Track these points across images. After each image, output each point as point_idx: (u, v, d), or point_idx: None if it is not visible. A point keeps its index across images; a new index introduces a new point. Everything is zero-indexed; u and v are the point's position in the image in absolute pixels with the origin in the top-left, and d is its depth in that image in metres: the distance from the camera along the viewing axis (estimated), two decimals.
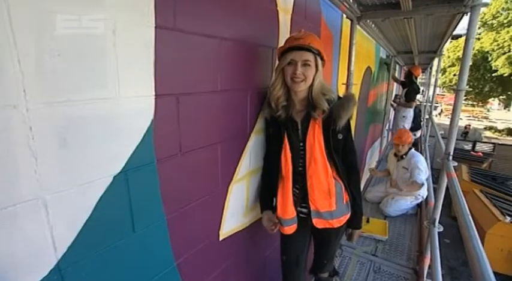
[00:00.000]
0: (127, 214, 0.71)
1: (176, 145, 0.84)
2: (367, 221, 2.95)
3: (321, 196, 1.17)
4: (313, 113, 1.11)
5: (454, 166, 1.60)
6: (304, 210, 1.24)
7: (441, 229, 1.74)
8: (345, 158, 1.18)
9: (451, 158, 1.62)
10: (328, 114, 1.10)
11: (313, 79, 1.10)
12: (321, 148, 1.13)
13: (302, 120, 1.16)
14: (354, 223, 1.27)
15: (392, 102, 5.50)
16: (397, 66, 6.53)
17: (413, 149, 3.26)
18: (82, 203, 0.60)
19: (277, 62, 1.17)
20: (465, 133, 13.37)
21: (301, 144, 1.16)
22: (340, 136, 1.13)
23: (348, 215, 1.24)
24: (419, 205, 3.35)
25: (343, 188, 1.20)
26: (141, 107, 0.71)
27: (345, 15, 2.14)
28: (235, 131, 1.12)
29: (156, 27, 0.70)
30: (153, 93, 0.73)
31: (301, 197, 1.22)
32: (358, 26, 2.18)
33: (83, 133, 0.59)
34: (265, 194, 1.31)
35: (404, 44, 3.88)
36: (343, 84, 2.18)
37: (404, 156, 3.22)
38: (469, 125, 14.75)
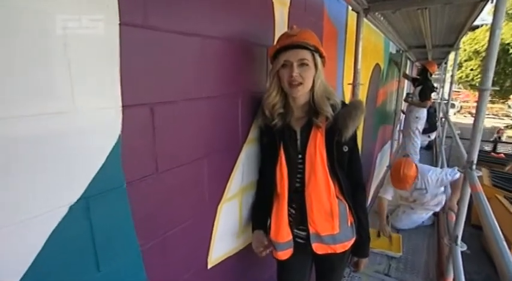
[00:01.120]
0: (89, 250, 0.64)
1: (151, 164, 0.78)
2: (378, 235, 2.87)
3: (322, 218, 1.12)
4: (316, 120, 1.06)
5: None
6: (303, 233, 1.18)
7: (465, 248, 1.67)
8: (349, 174, 1.14)
9: (474, 167, 1.54)
10: (332, 122, 1.05)
11: (314, 81, 1.05)
12: (322, 161, 1.07)
13: (302, 129, 1.11)
14: (359, 250, 1.21)
15: (404, 102, 5.44)
16: (408, 62, 6.49)
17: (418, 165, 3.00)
18: (25, 242, 0.53)
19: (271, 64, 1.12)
20: (496, 139, 10.49)
21: (300, 156, 1.10)
22: (345, 148, 1.08)
23: (353, 240, 1.18)
24: (435, 214, 3.28)
25: (348, 208, 1.14)
26: (105, 121, 0.64)
27: (350, 7, 2.11)
28: (225, 142, 1.07)
29: (121, 25, 0.64)
30: (120, 104, 0.67)
31: (299, 218, 1.16)
32: (365, 19, 2.14)
33: (27, 156, 0.52)
34: (258, 212, 1.26)
35: (416, 37, 3.84)
36: (349, 84, 2.14)
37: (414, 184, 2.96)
38: (502, 129, 12.70)
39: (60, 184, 0.58)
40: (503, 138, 11.87)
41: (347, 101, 1.15)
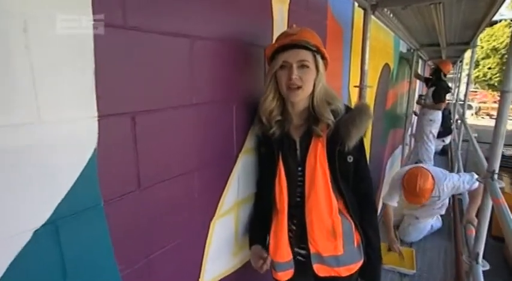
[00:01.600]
0: (57, 280, 0.60)
1: (133, 179, 0.74)
2: (389, 249, 2.81)
3: (323, 237, 1.08)
4: (315, 128, 1.03)
5: None
6: (303, 252, 1.14)
7: (487, 267, 1.61)
8: (356, 188, 1.10)
9: (496, 177, 1.49)
10: (334, 130, 1.03)
11: (314, 84, 1.03)
12: (324, 173, 1.04)
13: (301, 138, 1.08)
14: (367, 273, 1.15)
15: (416, 104, 5.39)
16: (420, 62, 6.46)
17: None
18: None
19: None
20: None
21: (300, 168, 1.08)
22: (349, 159, 1.05)
23: (361, 263, 1.13)
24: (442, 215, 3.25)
25: (353, 227, 1.10)
26: (77, 133, 0.61)
27: (356, 4, 2.09)
28: (218, 153, 1.04)
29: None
30: (95, 113, 0.64)
31: (299, 235, 1.13)
32: (373, 16, 2.13)
33: None
34: (256, 227, 1.23)
35: (429, 35, 3.82)
36: (355, 86, 2.11)
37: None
38: None
39: (22, 206, 0.54)
40: None
41: (353, 106, 1.12)
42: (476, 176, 2.58)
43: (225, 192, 1.10)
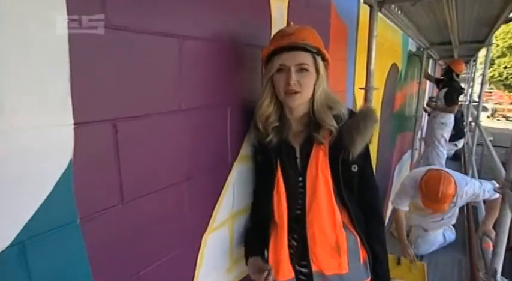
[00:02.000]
0: None
1: (114, 193, 0.72)
2: (398, 262, 2.77)
3: (327, 253, 1.06)
4: (317, 135, 1.02)
5: None
6: (304, 270, 1.11)
7: None
8: (361, 199, 1.08)
9: None
10: (337, 137, 1.01)
11: (314, 88, 1.01)
12: (326, 183, 1.03)
13: (301, 146, 1.06)
14: None
15: (427, 107, 5.36)
16: (431, 61, 6.44)
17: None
18: None
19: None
20: None
21: (300, 178, 1.06)
22: (354, 168, 1.03)
23: None
24: (455, 226, 3.19)
25: (359, 242, 1.08)
26: (49, 142, 0.58)
27: (362, 0, 2.09)
28: (211, 161, 1.03)
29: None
30: (71, 120, 0.61)
31: (300, 251, 1.10)
32: (379, 14, 2.12)
33: None
34: (252, 239, 1.20)
35: (440, 33, 3.81)
36: (361, 89, 2.10)
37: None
38: None
39: None
40: None
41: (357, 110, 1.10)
42: (496, 185, 2.45)
43: (219, 204, 1.08)
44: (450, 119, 4.74)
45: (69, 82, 0.60)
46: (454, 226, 3.17)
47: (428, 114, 5.38)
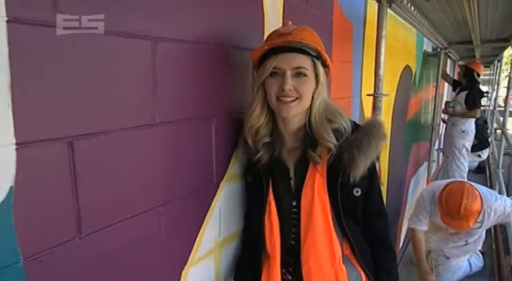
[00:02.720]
0: None
1: (70, 225, 0.67)
2: None
3: None
4: (312, 153, 1.00)
5: None
6: None
7: None
8: (367, 227, 1.08)
9: None
10: (336, 155, 0.99)
11: (313, 98, 0.99)
12: (323, 210, 1.01)
13: (296, 165, 1.06)
14: None
15: (443, 114, 5.35)
16: (449, 62, 6.46)
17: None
18: None
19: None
20: None
21: (295, 203, 1.05)
22: (356, 192, 1.01)
23: None
24: (483, 252, 3.12)
25: (364, 279, 1.05)
26: None
27: None
28: (192, 183, 1.01)
29: (10, 22, 0.54)
30: (13, 140, 0.57)
31: None
32: (389, 10, 2.11)
33: None
34: (243, 272, 1.18)
35: (460, 31, 3.83)
36: (369, 95, 2.07)
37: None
38: None
39: None
40: None
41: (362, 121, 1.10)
42: None
43: (202, 231, 1.06)
44: (471, 125, 4.71)
45: (9, 93, 0.55)
46: (481, 252, 3.07)
47: (445, 122, 5.35)
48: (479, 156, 5.90)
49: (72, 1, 0.64)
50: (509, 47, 4.83)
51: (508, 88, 5.26)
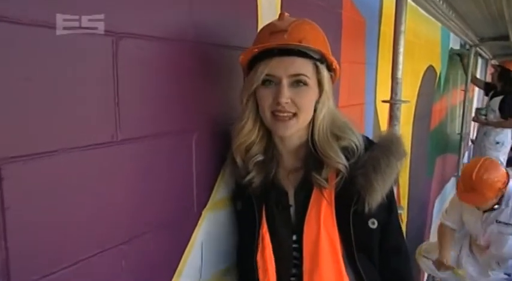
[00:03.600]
0: None
1: None
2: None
3: None
4: (317, 175, 0.98)
5: None
6: None
7: None
8: (385, 266, 1.06)
9: None
10: (347, 178, 0.98)
11: (316, 109, 0.99)
12: (332, 246, 1.00)
13: (297, 190, 1.05)
14: None
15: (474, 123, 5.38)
16: (480, 61, 6.50)
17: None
18: None
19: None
20: None
21: (295, 238, 1.04)
22: (373, 223, 1.01)
23: None
24: None
25: None
26: None
27: None
28: (166, 212, 0.99)
29: None
30: None
31: None
32: (410, 1, 2.14)
33: None
34: None
35: (494, 25, 3.90)
36: (384, 101, 2.09)
37: (496, 206, 2.74)
38: None
39: None
40: None
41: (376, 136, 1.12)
42: None
43: (179, 273, 1.03)
44: (507, 136, 4.75)
45: None
46: None
47: (473, 143, 5.36)
48: None
49: None
50: None
51: None
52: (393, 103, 2.01)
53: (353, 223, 0.98)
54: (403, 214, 2.78)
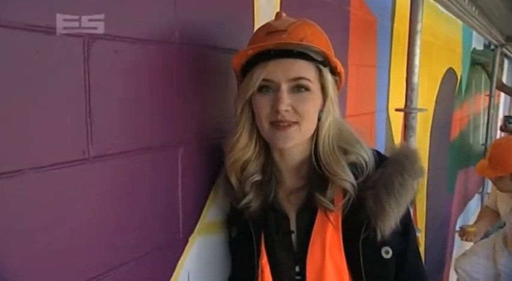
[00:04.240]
0: None
1: None
2: None
3: None
4: (321, 196, 0.97)
5: None
6: None
7: None
8: None
9: None
10: (355, 200, 0.97)
11: (320, 118, 0.99)
12: (339, 277, 1.00)
13: (299, 213, 1.05)
14: None
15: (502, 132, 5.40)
16: (506, 63, 6.53)
17: None
18: None
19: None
20: None
21: (298, 269, 1.03)
22: (387, 252, 0.99)
23: None
24: None
25: None
26: None
27: None
28: (146, 240, 0.98)
29: None
30: None
31: None
32: None
33: None
34: None
35: None
36: (398, 110, 2.10)
37: None
38: None
39: None
40: None
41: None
42: None
43: None
44: None
45: None
46: None
47: None
48: None
49: None
50: None
51: None
52: (408, 112, 1.99)
53: (363, 252, 0.97)
54: (421, 236, 2.79)
